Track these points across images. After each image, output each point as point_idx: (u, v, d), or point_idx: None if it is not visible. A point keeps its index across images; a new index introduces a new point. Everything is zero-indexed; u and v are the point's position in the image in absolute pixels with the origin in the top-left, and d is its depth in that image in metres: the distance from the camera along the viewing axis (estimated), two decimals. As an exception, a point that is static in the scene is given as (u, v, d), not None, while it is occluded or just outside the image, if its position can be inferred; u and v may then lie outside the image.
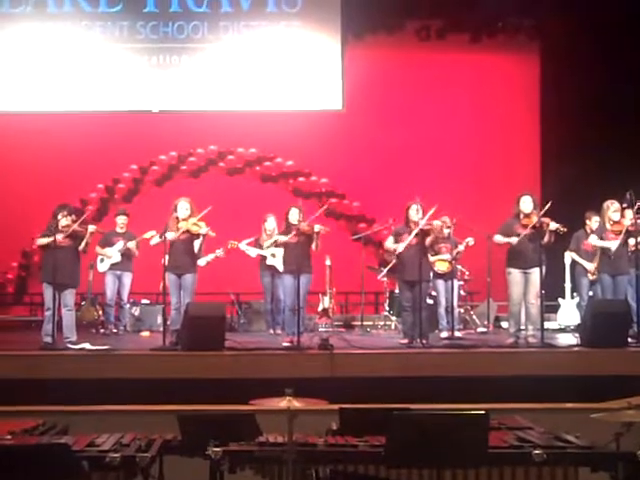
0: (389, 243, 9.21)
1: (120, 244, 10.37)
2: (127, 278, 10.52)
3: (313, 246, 9.06)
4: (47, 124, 12.43)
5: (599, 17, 11.74)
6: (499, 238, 8.95)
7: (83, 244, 8.79)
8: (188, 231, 8.94)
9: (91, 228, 8.95)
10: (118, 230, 10.58)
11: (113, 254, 10.38)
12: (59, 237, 8.61)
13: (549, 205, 8.67)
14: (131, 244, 10.26)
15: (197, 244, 9.15)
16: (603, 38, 11.76)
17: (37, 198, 11.77)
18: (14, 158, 12.36)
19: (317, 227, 9.00)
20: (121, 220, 10.62)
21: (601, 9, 11.69)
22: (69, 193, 11.80)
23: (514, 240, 8.76)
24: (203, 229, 8.96)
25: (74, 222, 8.86)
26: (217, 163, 13.05)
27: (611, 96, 11.78)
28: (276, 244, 9.79)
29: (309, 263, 9.14)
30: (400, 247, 8.92)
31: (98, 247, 10.31)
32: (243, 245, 10.62)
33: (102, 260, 10.47)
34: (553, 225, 8.64)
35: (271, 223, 10.56)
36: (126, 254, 10.40)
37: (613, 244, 9.15)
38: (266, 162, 13.05)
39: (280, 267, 9.95)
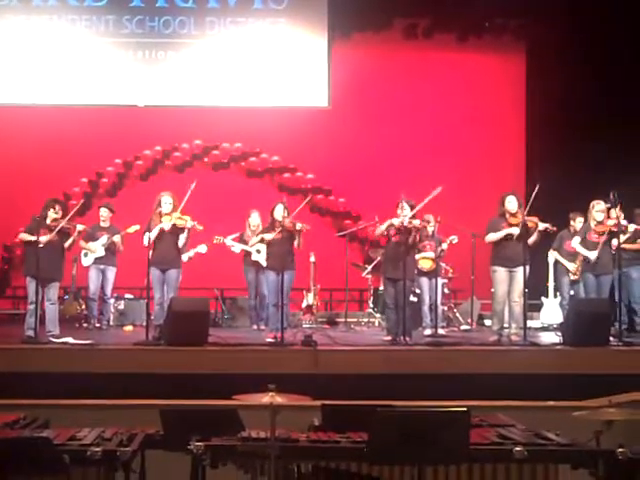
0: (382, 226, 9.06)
1: (104, 238, 10.32)
2: (111, 273, 10.47)
3: (295, 243, 9.08)
4: (31, 117, 12.36)
5: (585, 18, 11.80)
6: (494, 235, 8.85)
7: (70, 242, 8.81)
8: (174, 225, 8.92)
9: (79, 227, 8.99)
10: (102, 224, 10.54)
11: (97, 248, 10.33)
12: (46, 236, 8.62)
13: (537, 189, 8.62)
14: (117, 238, 10.21)
15: (182, 238, 9.14)
16: (589, 39, 11.82)
17: (20, 192, 11.72)
18: (-4, 151, 12.30)
19: (299, 225, 9.01)
20: (103, 213, 10.55)
21: (587, 10, 11.75)
22: (52, 187, 11.72)
23: (516, 230, 8.66)
24: (189, 223, 8.95)
25: (62, 217, 8.86)
26: (202, 158, 13.00)
27: (597, 96, 11.83)
28: (262, 241, 9.75)
29: (292, 259, 9.16)
30: (384, 226, 8.84)
31: (82, 241, 10.25)
32: (229, 240, 10.60)
33: (86, 254, 10.42)
34: (542, 225, 8.67)
35: (255, 219, 10.55)
36: (110, 248, 10.36)
37: (592, 254, 9.16)
38: (251, 157, 13.02)
39: (264, 263, 9.96)
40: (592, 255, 9.16)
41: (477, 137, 12.98)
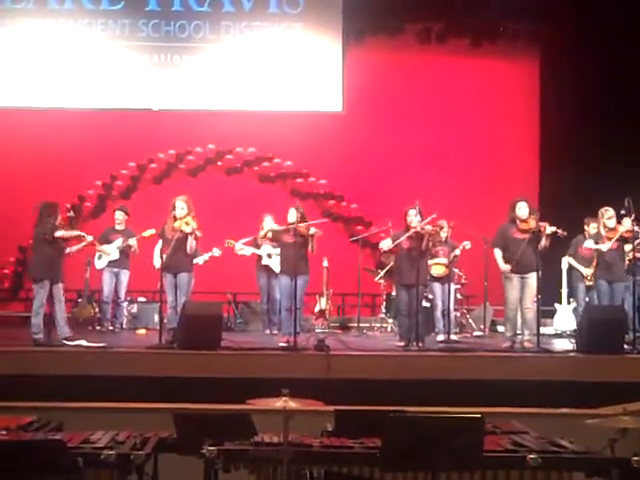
0: (384, 243, 9.17)
1: (119, 241, 10.34)
2: (124, 276, 10.48)
3: (309, 248, 9.10)
4: (47, 120, 12.42)
5: (598, 23, 11.76)
6: (498, 255, 8.92)
7: (75, 249, 9.11)
8: (181, 231, 8.95)
9: (89, 238, 9.35)
10: (117, 227, 10.56)
11: (112, 251, 10.34)
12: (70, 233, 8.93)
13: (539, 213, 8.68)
14: (132, 241, 10.22)
15: (188, 243, 9.17)
16: (602, 44, 11.77)
17: (35, 194, 11.68)
18: (12, 153, 12.34)
19: (312, 230, 9.03)
20: (120, 216, 10.57)
21: (600, 15, 11.73)
22: (67, 189, 11.81)
23: (506, 267, 8.75)
24: (188, 228, 8.94)
25: (67, 219, 8.99)
26: (215, 162, 13.02)
27: (610, 102, 11.80)
28: (272, 235, 9.77)
29: (306, 264, 9.16)
30: (388, 243, 8.89)
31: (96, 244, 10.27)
32: (239, 244, 10.60)
33: (100, 257, 10.43)
34: (549, 229, 8.64)
35: (268, 223, 10.53)
36: (124, 251, 10.37)
37: (604, 246, 9.16)
38: (264, 162, 13.04)
39: (275, 268, 9.99)
40: (604, 247, 9.14)
41: (490, 142, 12.95)
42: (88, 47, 12.66)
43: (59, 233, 8.80)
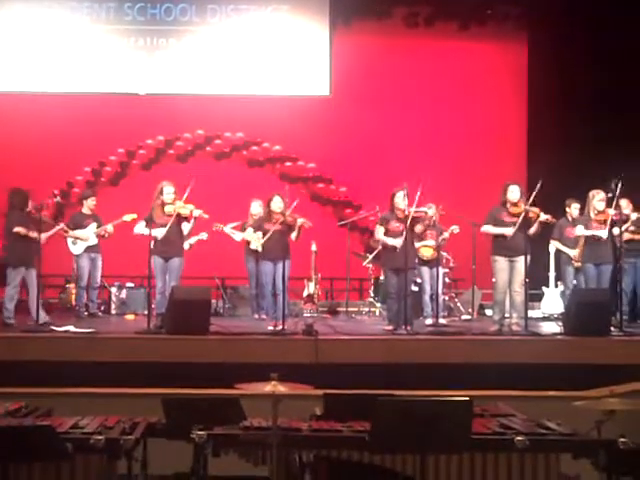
0: (380, 235, 9.07)
1: (93, 226, 10.27)
2: (100, 260, 10.42)
3: (293, 236, 9.12)
4: (34, 105, 12.34)
5: (587, 6, 11.77)
6: (490, 228, 8.88)
7: (46, 235, 9.22)
8: (178, 215, 8.93)
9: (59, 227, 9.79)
10: (86, 212, 10.47)
11: (90, 236, 10.25)
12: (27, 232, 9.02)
13: (539, 185, 8.60)
14: (110, 227, 10.18)
15: (187, 227, 9.17)
16: (590, 26, 11.79)
17: (22, 180, 11.62)
18: (-1, 139, 12.28)
19: (300, 220, 9.02)
20: (92, 203, 10.50)
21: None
22: (55, 175, 11.77)
23: (509, 231, 8.70)
24: (196, 211, 8.96)
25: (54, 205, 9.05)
26: (204, 147, 12.99)
27: (598, 85, 11.80)
28: (255, 225, 9.82)
29: (288, 249, 9.20)
30: (398, 242, 8.80)
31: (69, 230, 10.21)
32: (228, 228, 10.59)
33: (74, 242, 10.31)
34: (543, 216, 8.65)
35: (256, 208, 10.55)
36: (98, 236, 10.34)
37: (603, 233, 9.16)
38: (253, 147, 13.01)
39: (263, 253, 10.03)
40: (603, 234, 9.15)
41: (478, 125, 12.96)
42: (73, 31, 12.58)
43: (17, 229, 8.92)
